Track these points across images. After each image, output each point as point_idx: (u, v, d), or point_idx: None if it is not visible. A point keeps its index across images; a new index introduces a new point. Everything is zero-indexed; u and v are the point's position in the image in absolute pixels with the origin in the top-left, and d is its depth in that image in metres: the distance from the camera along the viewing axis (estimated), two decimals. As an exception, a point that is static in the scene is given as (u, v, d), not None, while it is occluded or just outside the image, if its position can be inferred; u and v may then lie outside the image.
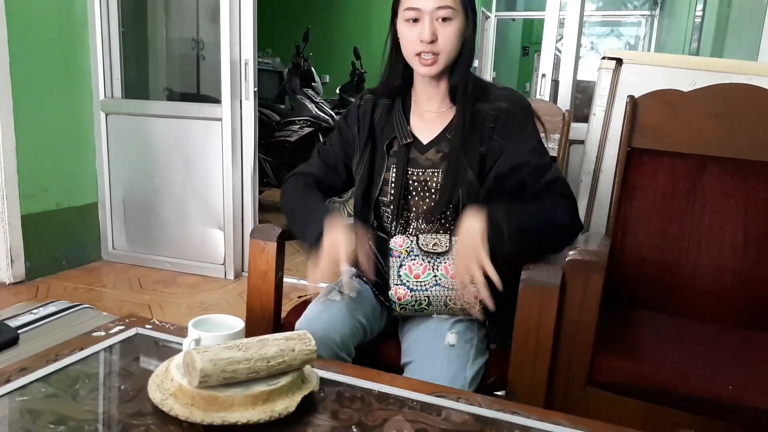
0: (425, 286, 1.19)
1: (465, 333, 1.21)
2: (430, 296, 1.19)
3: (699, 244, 1.58)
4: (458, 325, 1.22)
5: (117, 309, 2.56)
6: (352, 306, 1.28)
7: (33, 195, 2.85)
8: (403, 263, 1.21)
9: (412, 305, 1.20)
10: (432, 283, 1.19)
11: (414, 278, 1.20)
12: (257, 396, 0.83)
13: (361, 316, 1.28)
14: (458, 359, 1.15)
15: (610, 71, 1.86)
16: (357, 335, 1.26)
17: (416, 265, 1.20)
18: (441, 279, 1.19)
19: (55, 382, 0.94)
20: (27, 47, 2.74)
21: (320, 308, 1.27)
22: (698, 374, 1.20)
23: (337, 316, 1.25)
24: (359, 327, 1.27)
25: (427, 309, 1.21)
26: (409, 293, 1.19)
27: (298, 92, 4.26)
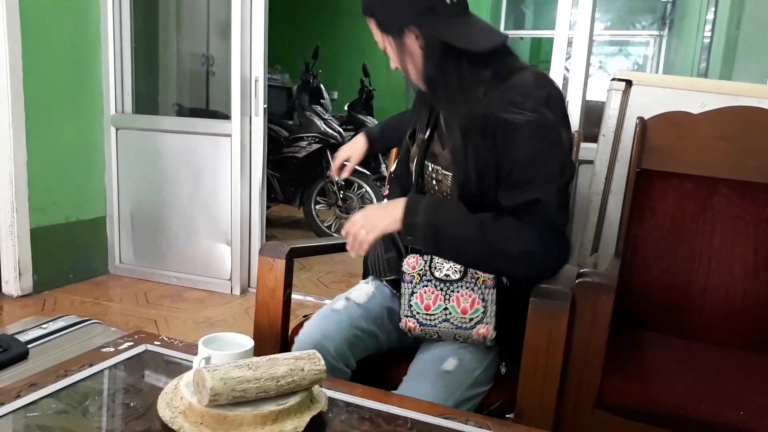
0: (434, 321, 1.16)
1: (470, 361, 1.18)
2: (440, 332, 1.17)
3: (709, 267, 1.57)
4: (465, 351, 1.19)
5: (123, 323, 2.56)
6: (356, 315, 1.28)
7: (42, 208, 2.87)
8: (415, 290, 1.19)
9: (424, 337, 1.20)
10: (441, 318, 1.16)
11: (425, 310, 1.17)
12: (266, 416, 0.83)
13: (369, 325, 1.27)
14: (450, 386, 1.13)
15: (620, 92, 1.87)
16: (358, 345, 1.25)
17: (428, 293, 1.17)
18: (451, 313, 1.15)
19: (64, 398, 0.94)
20: (41, 63, 2.77)
21: (319, 318, 1.28)
22: (709, 398, 1.19)
23: (333, 325, 1.24)
24: (361, 336, 1.26)
25: (440, 340, 1.20)
26: (418, 327, 1.18)
27: (307, 109, 4.29)
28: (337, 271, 3.56)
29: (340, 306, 1.30)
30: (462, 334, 1.15)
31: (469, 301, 1.15)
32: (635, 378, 1.27)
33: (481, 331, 1.13)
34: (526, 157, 1.06)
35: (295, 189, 4.38)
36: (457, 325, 1.15)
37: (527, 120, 1.05)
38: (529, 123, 1.05)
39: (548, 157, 1.06)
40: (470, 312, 1.14)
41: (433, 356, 1.19)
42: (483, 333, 1.12)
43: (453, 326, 1.15)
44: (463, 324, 1.14)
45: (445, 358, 1.18)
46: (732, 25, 3.83)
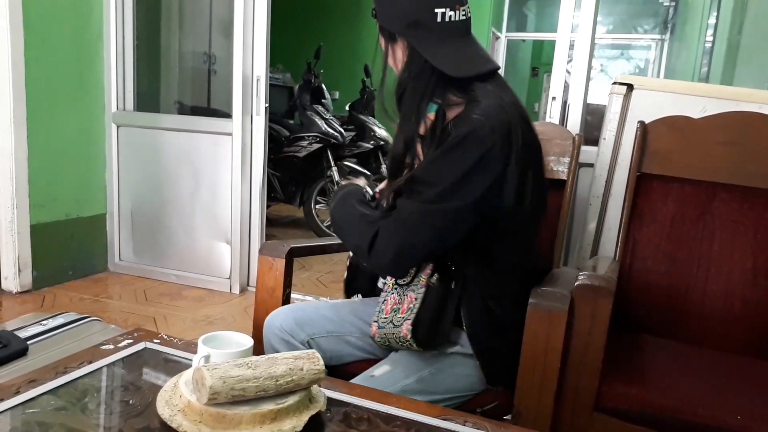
0: (385, 324, 1.19)
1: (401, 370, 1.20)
2: (386, 334, 1.19)
3: (708, 271, 1.57)
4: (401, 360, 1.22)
5: (122, 321, 2.56)
6: (336, 307, 1.36)
7: (43, 205, 2.87)
8: (386, 299, 1.23)
9: (382, 342, 1.21)
10: (389, 320, 1.19)
11: (384, 315, 1.21)
12: (265, 414, 0.83)
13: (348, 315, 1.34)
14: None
15: (621, 96, 1.87)
16: (319, 326, 1.32)
17: (392, 299, 1.22)
18: (396, 314, 1.18)
19: (64, 395, 0.94)
20: (43, 59, 2.77)
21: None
22: (706, 402, 1.19)
23: (292, 307, 1.37)
24: (329, 321, 1.33)
25: (392, 346, 1.21)
26: (377, 330, 1.21)
27: (308, 108, 4.29)
28: (337, 271, 3.56)
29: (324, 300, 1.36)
30: (396, 332, 1.16)
31: (409, 302, 1.18)
32: (633, 381, 1.27)
33: (404, 329, 1.14)
34: (416, 173, 1.11)
35: (296, 188, 4.38)
36: (395, 324, 1.17)
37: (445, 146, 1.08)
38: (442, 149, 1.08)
39: (433, 180, 1.08)
40: (406, 311, 1.17)
41: (374, 365, 1.24)
42: (405, 331, 1.14)
43: (393, 325, 1.17)
44: (398, 323, 1.16)
45: (381, 365, 1.22)
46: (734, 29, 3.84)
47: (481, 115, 1.07)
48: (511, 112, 1.10)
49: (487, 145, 1.05)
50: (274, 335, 1.33)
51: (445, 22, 1.10)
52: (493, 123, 1.06)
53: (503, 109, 1.09)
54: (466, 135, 1.06)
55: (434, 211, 1.07)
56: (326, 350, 1.31)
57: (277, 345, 1.33)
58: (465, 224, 1.10)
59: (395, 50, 1.17)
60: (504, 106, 1.09)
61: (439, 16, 1.10)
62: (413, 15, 1.11)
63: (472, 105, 1.10)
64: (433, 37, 1.11)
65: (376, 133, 4.48)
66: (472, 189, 1.06)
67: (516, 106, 1.13)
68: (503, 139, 1.06)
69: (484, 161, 1.06)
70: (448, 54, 1.11)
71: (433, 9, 1.09)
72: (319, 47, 4.39)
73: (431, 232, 1.08)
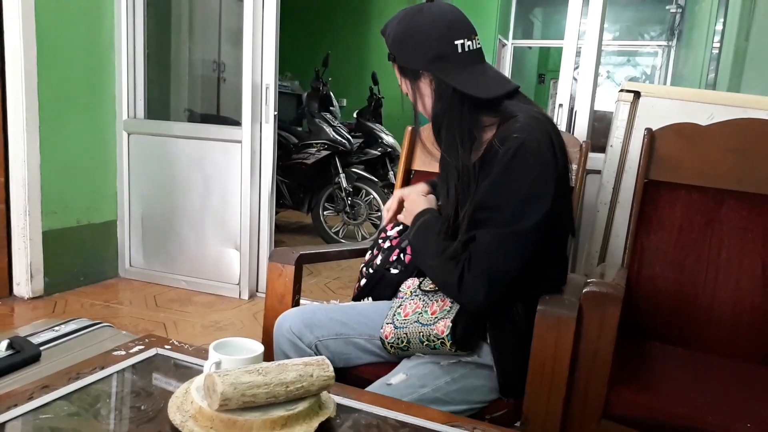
0: (407, 324, 1.20)
1: (418, 378, 1.20)
2: (408, 333, 1.20)
3: (716, 278, 1.57)
4: (417, 369, 1.22)
5: (132, 326, 2.58)
6: (345, 310, 1.37)
7: (54, 211, 2.90)
8: (403, 303, 1.26)
9: (397, 343, 1.22)
10: (413, 320, 1.20)
11: (403, 317, 1.22)
12: (275, 421, 0.84)
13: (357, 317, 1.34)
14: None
15: (628, 103, 1.88)
16: (328, 329, 1.32)
17: (411, 304, 1.24)
18: (422, 315, 1.20)
19: (76, 401, 0.95)
20: (55, 68, 2.81)
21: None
22: (716, 410, 1.19)
23: (301, 309, 1.39)
24: (338, 323, 1.33)
25: (409, 347, 1.21)
26: (393, 331, 1.22)
27: (317, 116, 4.31)
28: (344, 277, 3.57)
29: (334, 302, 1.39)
30: (425, 331, 1.17)
31: (441, 304, 1.20)
32: (642, 388, 1.27)
33: (439, 326, 1.16)
34: (481, 200, 1.13)
35: (304, 195, 4.40)
36: (423, 323, 1.19)
37: (499, 164, 1.10)
38: (498, 168, 1.10)
39: (500, 203, 1.10)
40: (438, 312, 1.19)
41: (390, 372, 1.25)
42: (441, 327, 1.15)
43: (420, 324, 1.19)
44: (428, 322, 1.18)
45: (396, 373, 1.23)
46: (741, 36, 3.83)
47: (524, 128, 1.11)
48: (546, 123, 1.15)
49: (539, 157, 1.09)
50: (283, 337, 1.35)
51: (465, 51, 1.17)
52: (536, 135, 1.10)
53: (539, 121, 1.14)
54: (516, 150, 1.09)
55: (511, 234, 1.09)
56: (334, 352, 1.32)
57: (285, 347, 1.34)
58: (542, 239, 1.12)
59: (421, 88, 1.21)
60: (539, 118, 1.14)
61: (459, 47, 1.16)
62: (436, 50, 1.16)
63: (510, 121, 1.14)
64: (457, 67, 1.17)
65: (384, 140, 4.50)
66: (541, 203, 1.09)
67: (547, 116, 1.18)
68: (549, 148, 1.11)
69: (542, 173, 1.10)
70: (474, 79, 1.17)
71: (453, 41, 1.16)
72: (327, 55, 4.42)
73: (514, 257, 1.11)
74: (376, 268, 1.42)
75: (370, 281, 1.43)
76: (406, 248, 1.39)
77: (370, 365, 1.33)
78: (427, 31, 1.17)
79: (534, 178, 1.09)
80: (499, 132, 1.15)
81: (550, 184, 1.10)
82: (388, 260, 1.40)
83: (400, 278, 1.36)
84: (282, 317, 1.38)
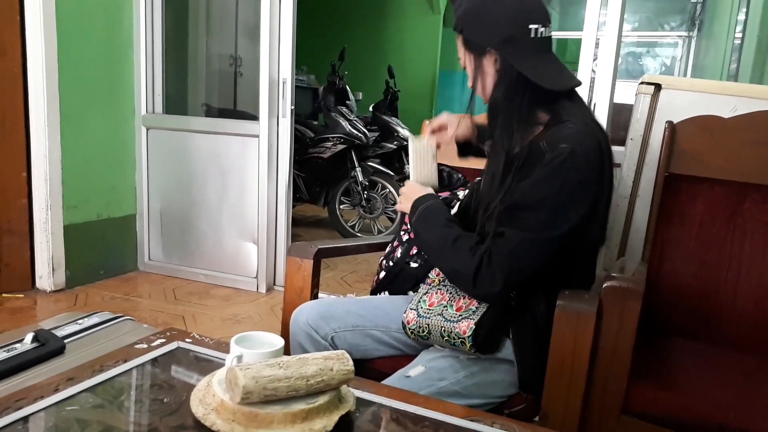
0: (430, 315, 1.20)
1: (437, 371, 1.20)
2: (430, 325, 1.19)
3: (739, 273, 1.55)
4: (437, 362, 1.22)
5: (152, 319, 2.61)
6: (361, 303, 1.37)
7: (75, 206, 2.94)
8: (429, 291, 1.25)
9: (418, 331, 1.21)
10: (437, 312, 1.19)
11: (428, 306, 1.21)
12: (296, 414, 0.85)
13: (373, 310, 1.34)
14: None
15: (649, 96, 1.85)
16: (344, 321, 1.33)
17: (438, 294, 1.23)
18: (447, 309, 1.19)
19: (101, 393, 0.97)
20: (76, 64, 2.84)
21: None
22: (738, 407, 1.18)
23: (318, 302, 1.39)
24: (354, 316, 1.33)
25: (429, 338, 1.21)
26: (416, 318, 1.21)
27: (333, 110, 4.32)
28: (361, 271, 3.58)
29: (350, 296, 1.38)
30: (447, 327, 1.16)
31: (467, 302, 1.19)
32: (662, 384, 1.26)
33: (462, 325, 1.14)
34: (519, 199, 1.11)
35: (320, 189, 4.41)
36: (447, 318, 1.17)
37: (544, 168, 1.09)
38: (542, 172, 1.09)
39: (536, 205, 1.10)
40: (463, 310, 1.17)
41: (408, 364, 1.24)
42: (464, 328, 1.14)
43: (443, 319, 1.18)
44: (452, 318, 1.17)
45: (415, 365, 1.22)
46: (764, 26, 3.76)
47: (575, 138, 1.09)
48: (597, 131, 1.13)
49: (584, 169, 1.08)
50: (300, 330, 1.35)
51: (537, 37, 1.13)
52: (586, 146, 1.09)
53: (591, 129, 1.12)
54: (565, 160, 1.07)
55: (543, 240, 1.09)
56: (351, 344, 1.32)
57: (301, 339, 1.35)
58: (568, 247, 1.12)
59: (484, 66, 1.18)
60: (590, 126, 1.13)
61: (532, 32, 1.13)
62: (509, 30, 1.13)
63: (562, 125, 1.12)
64: (526, 51, 1.13)
65: (400, 134, 4.49)
66: (574, 213, 1.09)
67: (598, 124, 1.17)
68: (597, 159, 1.10)
69: (582, 185, 1.09)
70: (542, 68, 1.14)
71: (528, 25, 1.12)
72: (343, 49, 4.41)
73: (540, 260, 1.11)
74: (396, 261, 1.43)
75: (389, 274, 1.43)
76: None
77: (386, 358, 1.34)
78: (504, 10, 1.13)
79: (574, 188, 1.08)
80: (549, 133, 1.12)
81: (588, 196, 1.10)
82: (408, 254, 1.40)
83: (419, 272, 1.36)
84: (298, 310, 1.39)
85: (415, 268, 1.38)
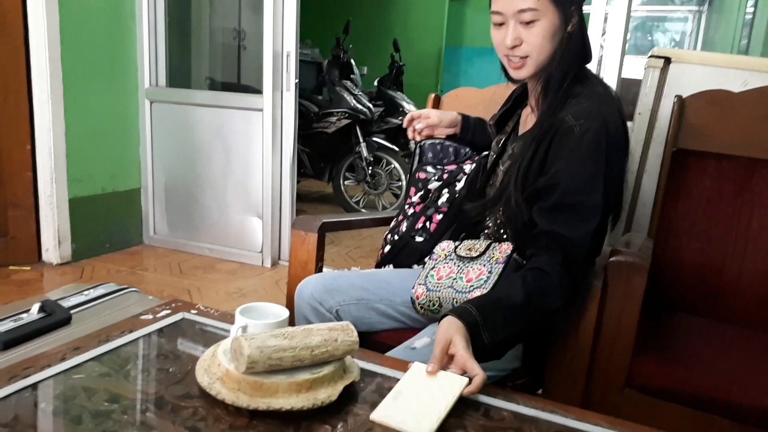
0: (440, 288, 1.19)
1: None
2: (441, 297, 1.18)
3: (745, 249, 1.54)
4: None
5: (158, 292, 2.63)
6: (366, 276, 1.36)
7: (80, 179, 2.94)
8: (436, 266, 1.24)
9: (428, 305, 1.20)
10: (447, 285, 1.18)
11: (437, 279, 1.20)
12: (301, 384, 0.85)
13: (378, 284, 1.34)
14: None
15: (658, 70, 1.83)
16: (349, 294, 1.32)
17: (446, 268, 1.22)
18: (457, 281, 1.18)
19: (107, 362, 0.98)
20: (78, 37, 2.82)
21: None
22: (741, 382, 1.18)
23: (323, 275, 1.39)
24: (359, 289, 1.33)
25: (439, 311, 1.19)
26: (425, 293, 1.20)
27: (337, 84, 4.28)
28: (365, 246, 3.59)
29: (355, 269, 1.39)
30: (459, 298, 1.15)
31: (477, 273, 1.17)
32: (666, 359, 1.26)
33: (476, 295, 1.13)
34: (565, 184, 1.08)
35: (324, 164, 4.40)
36: (458, 289, 1.16)
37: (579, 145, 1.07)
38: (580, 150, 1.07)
39: (590, 187, 1.07)
40: (474, 281, 1.16)
41: (414, 336, 1.24)
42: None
43: (454, 290, 1.17)
44: (463, 289, 1.16)
45: (421, 336, 1.21)
46: (777, 0, 3.70)
47: (601, 108, 1.09)
48: (616, 103, 1.13)
49: (617, 137, 1.09)
50: (304, 302, 1.36)
51: None
52: (612, 115, 1.09)
53: (610, 100, 1.12)
54: (598, 130, 1.07)
55: (603, 223, 1.11)
56: (355, 317, 1.32)
57: (306, 312, 1.35)
58: None
59: (556, 27, 1.11)
60: (610, 98, 1.13)
61: None
62: None
63: (578, 98, 1.12)
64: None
65: (405, 109, 4.46)
66: (611, 186, 1.10)
67: (615, 95, 1.16)
68: (623, 128, 1.11)
69: (619, 152, 1.10)
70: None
71: None
72: (348, 22, 4.37)
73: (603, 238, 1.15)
74: (401, 235, 1.42)
75: (394, 248, 1.43)
76: (431, 216, 1.38)
77: (390, 331, 1.34)
78: None
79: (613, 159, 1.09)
80: (570, 108, 1.11)
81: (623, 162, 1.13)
82: (413, 227, 1.39)
83: (424, 246, 1.35)
84: (303, 283, 1.39)
85: (420, 243, 1.37)
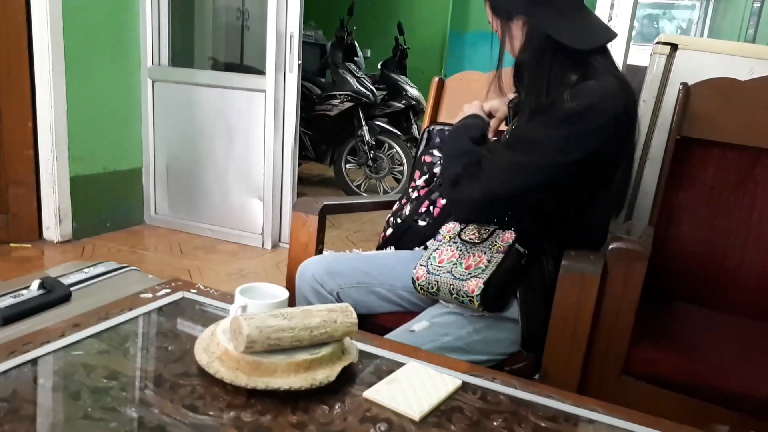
0: (440, 272, 1.19)
1: (441, 326, 1.21)
2: (439, 282, 1.18)
3: (747, 239, 1.54)
4: (441, 318, 1.22)
5: (158, 272, 2.63)
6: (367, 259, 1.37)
7: (81, 158, 2.93)
8: (440, 248, 1.24)
9: (427, 287, 1.21)
10: (447, 269, 1.19)
11: (438, 263, 1.21)
12: (299, 364, 0.85)
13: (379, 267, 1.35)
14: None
15: (664, 57, 1.81)
16: (350, 277, 1.33)
17: (448, 251, 1.22)
18: (456, 267, 1.18)
19: (106, 339, 0.98)
20: (80, 14, 2.79)
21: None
22: (739, 370, 1.19)
23: (324, 257, 1.40)
24: (360, 272, 1.34)
25: (438, 294, 1.21)
26: (426, 275, 1.20)
27: (341, 66, 4.25)
28: (366, 230, 3.59)
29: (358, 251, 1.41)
30: (456, 285, 1.16)
31: (477, 260, 1.18)
32: (664, 347, 1.27)
33: (471, 284, 1.14)
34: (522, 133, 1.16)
35: (326, 147, 4.38)
36: (456, 276, 1.17)
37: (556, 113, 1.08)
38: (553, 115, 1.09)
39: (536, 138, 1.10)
40: (473, 268, 1.17)
41: (413, 319, 1.25)
42: (472, 286, 1.14)
43: (452, 276, 1.17)
44: (461, 276, 1.16)
45: (420, 320, 1.23)
46: (787, -12, 3.65)
47: (600, 92, 1.08)
48: (628, 92, 1.11)
49: (602, 120, 1.06)
50: (306, 284, 1.36)
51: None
52: (611, 102, 1.07)
53: (619, 88, 1.10)
54: (581, 110, 1.06)
55: (528, 164, 1.09)
56: (356, 300, 1.33)
57: (307, 294, 1.35)
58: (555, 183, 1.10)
59: (512, 30, 1.17)
60: (622, 86, 1.11)
61: None
62: None
63: (587, 81, 1.10)
64: (555, 11, 1.12)
65: (408, 93, 4.43)
66: (572, 155, 1.07)
67: (626, 83, 1.14)
68: (617, 119, 1.08)
69: (589, 135, 1.07)
70: (570, 27, 1.12)
71: None
72: (353, 3, 4.32)
73: (521, 183, 1.11)
74: (404, 219, 1.42)
75: (396, 231, 1.42)
76: (436, 200, 1.38)
77: (390, 314, 1.35)
78: None
79: (578, 136, 1.07)
80: (574, 88, 1.11)
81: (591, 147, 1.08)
82: (416, 211, 1.39)
83: (426, 230, 1.35)
84: (304, 265, 1.39)
85: (423, 226, 1.37)
